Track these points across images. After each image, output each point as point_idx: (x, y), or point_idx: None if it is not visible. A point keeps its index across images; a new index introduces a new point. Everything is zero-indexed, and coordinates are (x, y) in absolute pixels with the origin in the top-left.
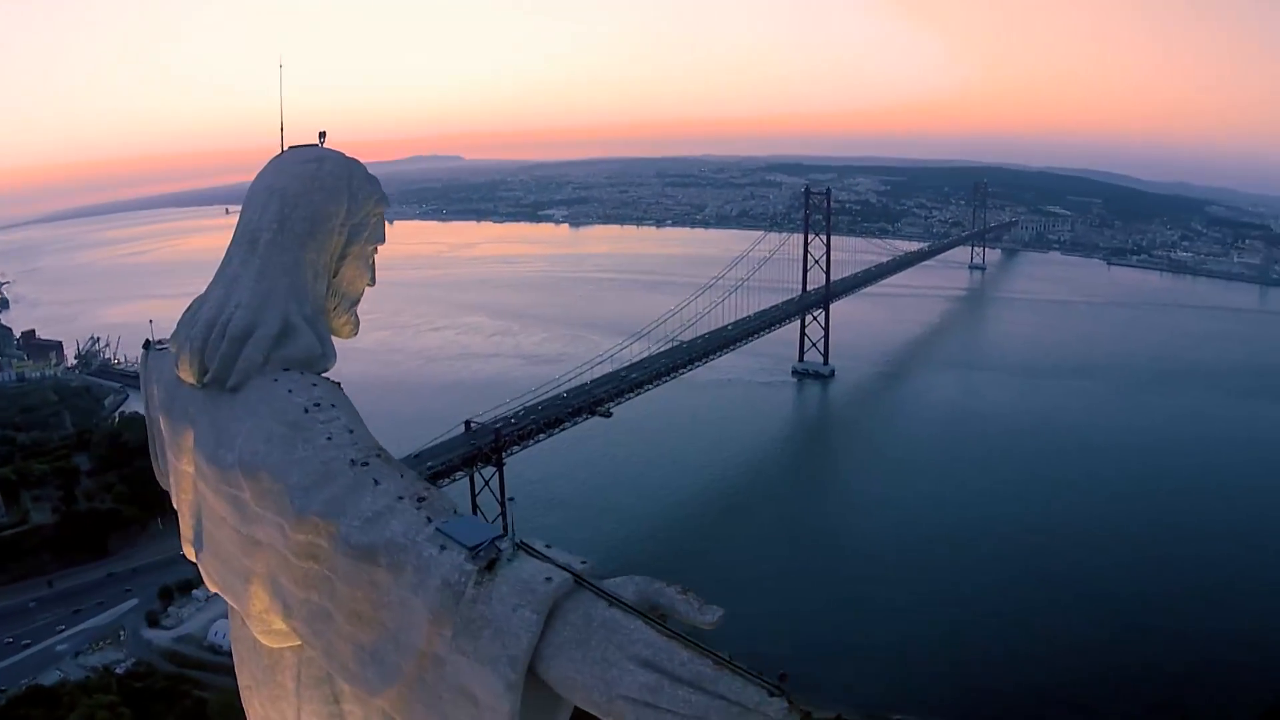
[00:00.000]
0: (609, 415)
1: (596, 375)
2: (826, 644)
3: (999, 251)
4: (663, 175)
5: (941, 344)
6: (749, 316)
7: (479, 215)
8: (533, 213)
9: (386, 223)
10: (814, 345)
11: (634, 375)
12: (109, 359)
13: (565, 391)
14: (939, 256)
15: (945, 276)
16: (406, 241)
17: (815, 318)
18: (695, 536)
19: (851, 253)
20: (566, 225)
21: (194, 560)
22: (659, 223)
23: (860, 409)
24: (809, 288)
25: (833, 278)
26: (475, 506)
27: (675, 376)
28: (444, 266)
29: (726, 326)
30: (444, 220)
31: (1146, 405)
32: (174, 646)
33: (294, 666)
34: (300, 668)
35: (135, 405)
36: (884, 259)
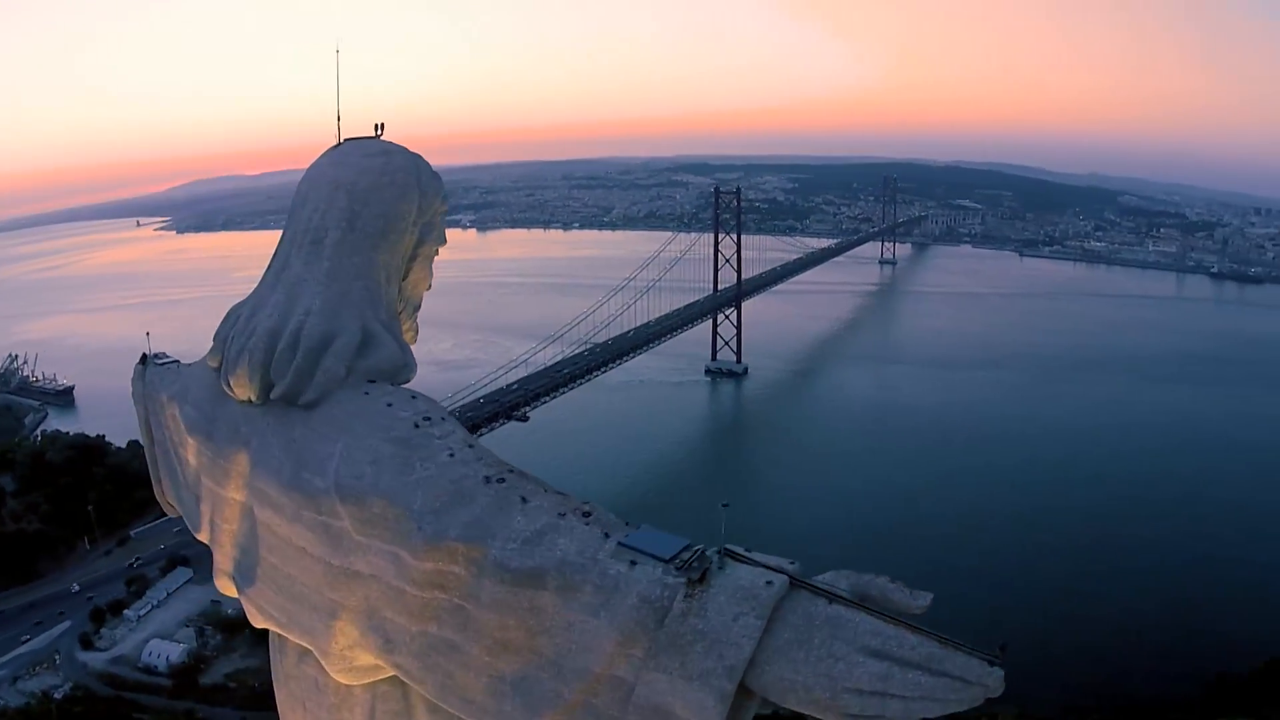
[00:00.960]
0: (526, 419)
1: (511, 380)
2: None
3: (909, 246)
4: (569, 178)
5: (854, 339)
6: (662, 317)
7: None
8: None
9: None
10: (726, 344)
11: (549, 379)
12: (28, 376)
13: (481, 397)
14: (850, 253)
15: (856, 272)
16: None
17: (727, 316)
18: None
19: (761, 251)
20: (474, 230)
21: (234, 595)
22: (566, 226)
23: (774, 405)
24: (720, 287)
25: (744, 276)
26: None
27: (591, 379)
28: None
29: (639, 327)
30: None
31: (1064, 394)
32: (109, 669)
33: (366, 703)
34: (375, 703)
35: (57, 423)
36: (794, 256)
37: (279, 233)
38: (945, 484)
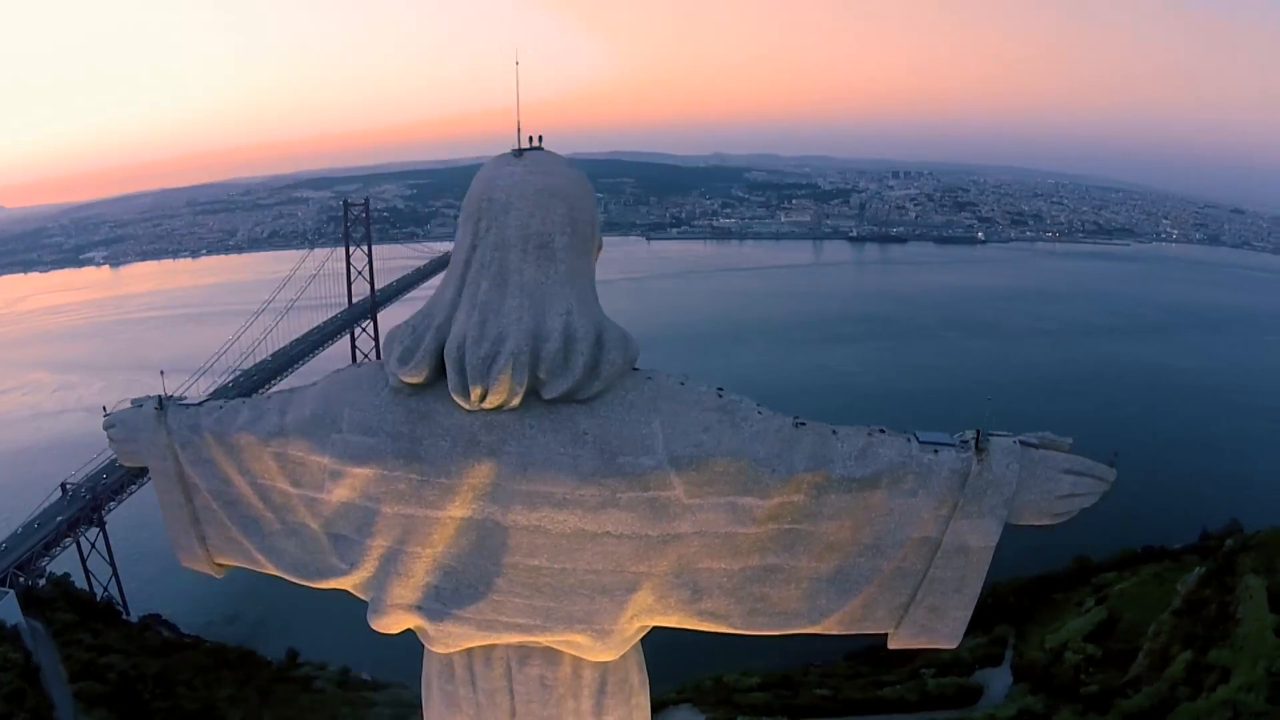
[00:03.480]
0: None
1: None
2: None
3: None
4: (194, 204)
5: None
6: (300, 337)
7: (25, 266)
8: (74, 258)
9: None
10: (365, 357)
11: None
12: None
13: None
14: None
15: None
16: None
17: (364, 329)
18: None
19: (387, 260)
20: (107, 267)
21: (405, 626)
22: (194, 253)
23: None
24: (355, 300)
25: (376, 287)
26: (87, 573)
27: None
28: None
29: (279, 351)
30: None
31: (707, 366)
32: None
33: (595, 681)
34: (606, 676)
35: None
36: (422, 262)
37: None
38: None
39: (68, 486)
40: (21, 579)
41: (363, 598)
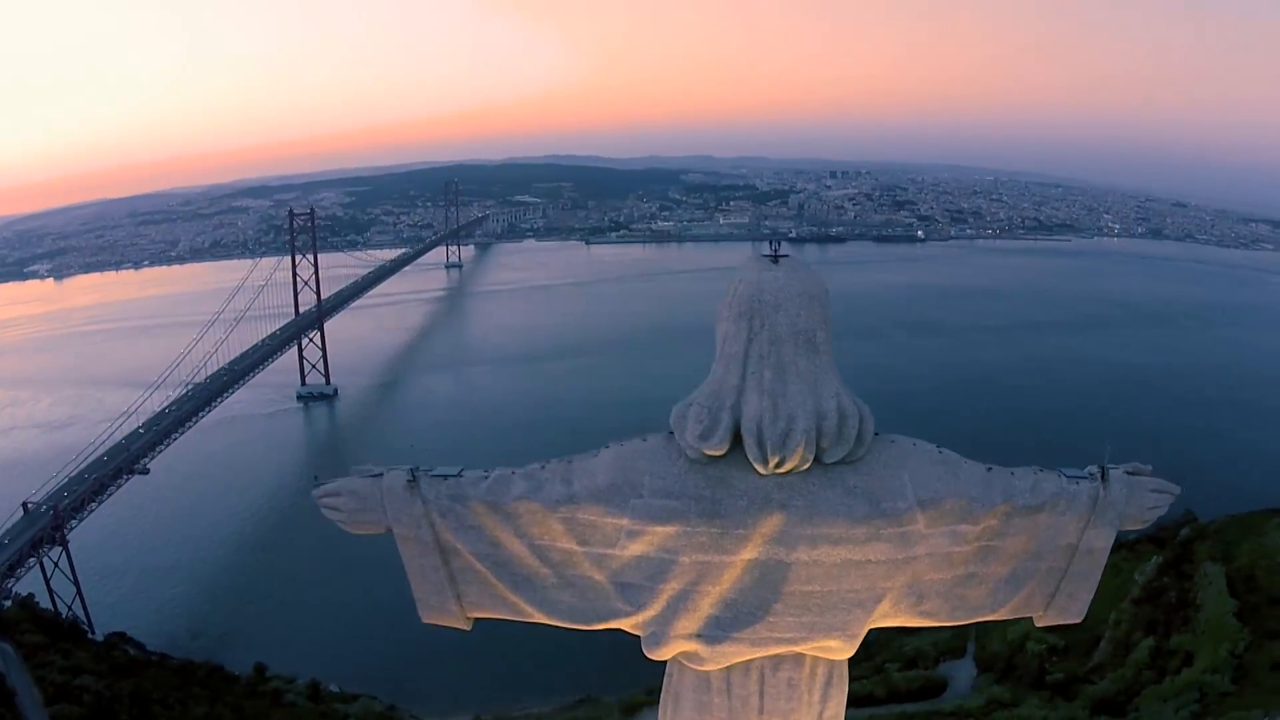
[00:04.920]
0: (147, 472)
1: (121, 432)
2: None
3: (473, 248)
4: (135, 214)
5: (433, 346)
6: (249, 350)
7: None
8: (19, 271)
9: None
10: (314, 366)
11: (158, 428)
12: None
13: (105, 454)
14: (415, 261)
15: (424, 279)
16: None
17: (311, 339)
18: (257, 579)
19: (329, 268)
20: (51, 280)
21: (679, 650)
22: (137, 265)
23: (368, 421)
24: (302, 309)
25: (322, 295)
26: (51, 592)
27: (197, 420)
28: None
29: (230, 363)
30: None
31: (651, 369)
32: None
33: (824, 677)
34: (832, 671)
35: None
36: (363, 270)
37: None
38: None
39: (29, 505)
40: None
41: (634, 634)
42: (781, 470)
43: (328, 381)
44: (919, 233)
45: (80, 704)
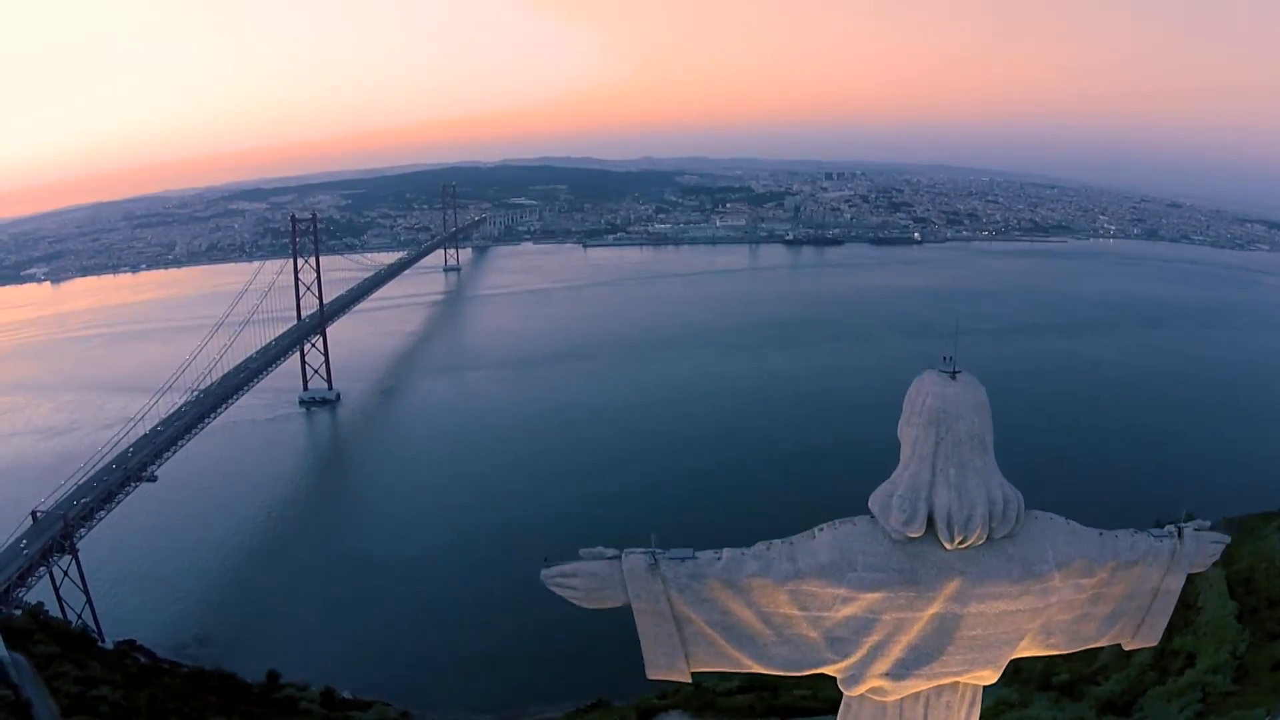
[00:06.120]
0: (155, 479)
1: (128, 440)
2: (380, 654)
3: (470, 251)
4: (131, 217)
5: (433, 350)
6: (254, 354)
7: None
8: (15, 274)
9: None
10: (316, 372)
11: (164, 435)
12: None
13: (113, 462)
14: (415, 264)
15: (422, 283)
16: None
17: (314, 344)
18: (264, 585)
19: (327, 272)
20: (48, 283)
21: (869, 686)
22: (134, 268)
23: (371, 427)
24: (304, 313)
25: (322, 300)
26: (60, 601)
27: (203, 426)
28: None
29: (231, 370)
30: None
31: (651, 374)
32: None
33: (969, 697)
34: (976, 692)
35: None
36: (361, 274)
37: None
38: (541, 480)
39: (38, 514)
40: (1, 611)
41: (834, 675)
42: (962, 546)
43: (330, 387)
44: (915, 235)
45: (97, 715)
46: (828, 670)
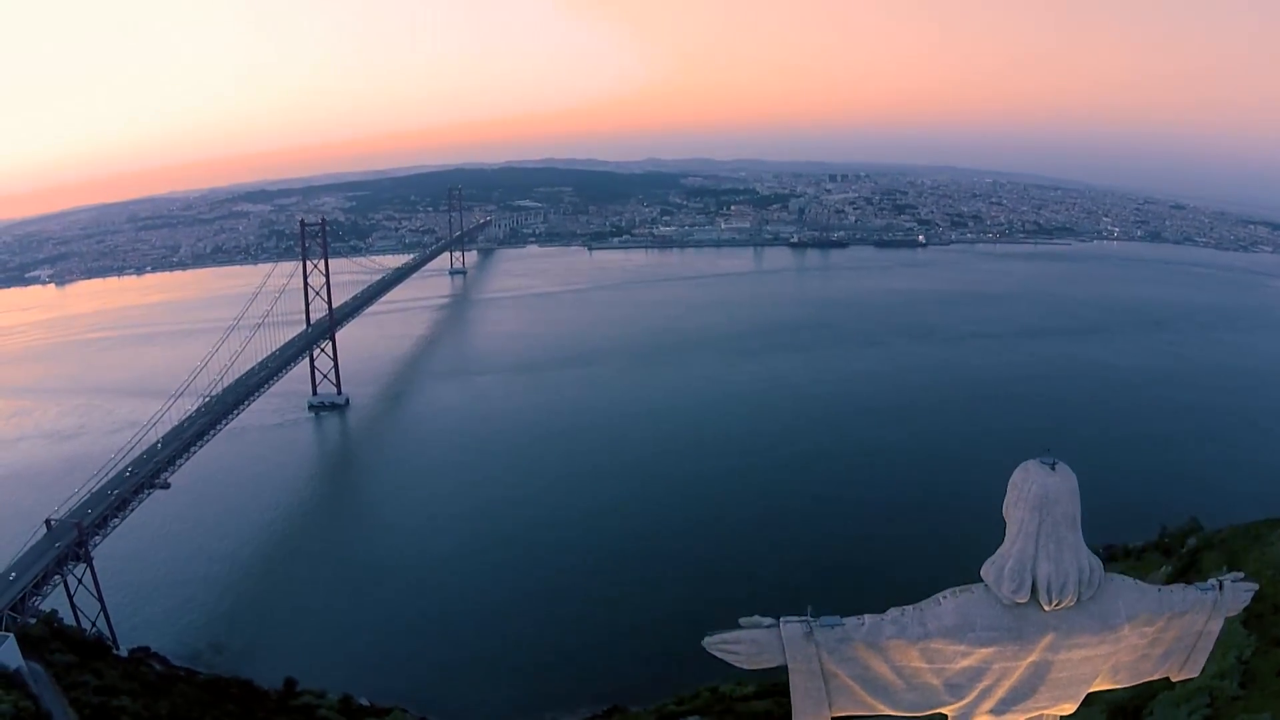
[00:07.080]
0: (168, 486)
1: (141, 445)
2: (391, 660)
3: (476, 254)
4: (135, 219)
5: (440, 354)
6: (265, 359)
7: None
8: (20, 276)
9: None
10: (325, 376)
11: (176, 441)
12: None
13: (129, 469)
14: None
15: (428, 286)
16: None
17: (322, 349)
18: (277, 592)
19: (334, 274)
20: (53, 285)
21: (998, 718)
22: (139, 270)
23: (380, 431)
24: (313, 316)
25: (325, 305)
26: (75, 609)
27: (215, 432)
28: None
29: (242, 376)
30: None
31: (651, 378)
32: None
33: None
34: None
35: None
36: (368, 277)
37: None
38: (551, 486)
39: (52, 522)
40: (17, 620)
41: (947, 714)
42: (1058, 608)
43: (339, 391)
44: (920, 237)
45: None
46: (943, 710)
